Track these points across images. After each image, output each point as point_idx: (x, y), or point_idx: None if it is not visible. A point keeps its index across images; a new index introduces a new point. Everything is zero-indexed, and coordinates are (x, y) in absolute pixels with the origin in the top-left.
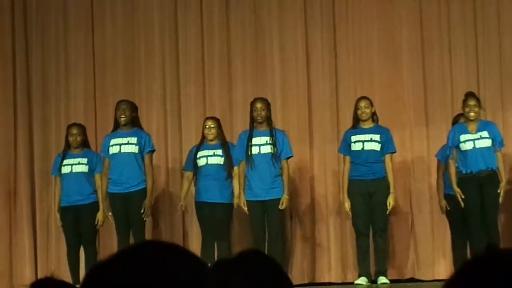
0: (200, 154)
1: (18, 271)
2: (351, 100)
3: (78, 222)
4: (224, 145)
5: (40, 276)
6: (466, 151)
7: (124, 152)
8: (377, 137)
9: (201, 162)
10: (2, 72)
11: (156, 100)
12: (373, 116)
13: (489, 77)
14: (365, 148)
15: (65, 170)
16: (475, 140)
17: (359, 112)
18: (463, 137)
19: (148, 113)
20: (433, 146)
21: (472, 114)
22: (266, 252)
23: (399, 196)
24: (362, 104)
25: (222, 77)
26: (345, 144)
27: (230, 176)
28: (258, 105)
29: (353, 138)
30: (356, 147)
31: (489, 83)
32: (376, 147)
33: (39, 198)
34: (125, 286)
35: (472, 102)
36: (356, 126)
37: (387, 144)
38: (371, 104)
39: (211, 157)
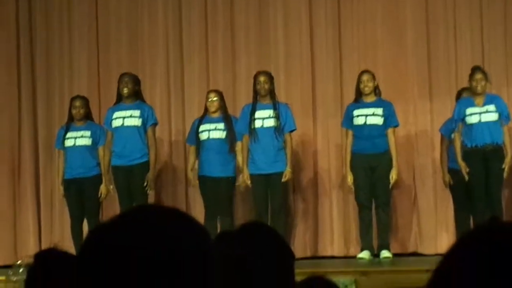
0: (202, 128)
1: (23, 244)
2: (355, 74)
3: (81, 195)
4: (227, 118)
5: (44, 247)
6: (471, 124)
7: (127, 126)
8: (379, 111)
9: (203, 136)
10: (6, 47)
11: (159, 74)
12: (376, 90)
13: (494, 52)
14: (368, 123)
15: (69, 143)
16: (481, 114)
17: (361, 86)
18: (469, 110)
19: (152, 87)
20: (437, 120)
21: (479, 88)
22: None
23: (402, 170)
24: (365, 78)
25: (226, 50)
26: (348, 118)
27: (232, 150)
28: (261, 78)
29: (356, 112)
30: (358, 121)
31: (494, 58)
32: (379, 121)
33: (43, 172)
34: (125, 249)
35: (479, 76)
36: (358, 100)
37: (389, 118)
38: (374, 78)
39: (213, 131)
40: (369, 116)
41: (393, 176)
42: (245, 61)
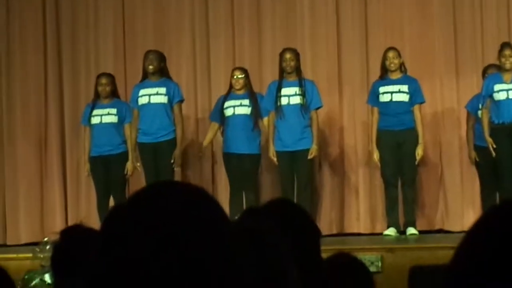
0: (227, 104)
1: (49, 220)
2: (381, 51)
3: (107, 172)
4: (252, 95)
5: (70, 224)
6: (499, 101)
7: (154, 103)
8: (405, 87)
9: (228, 112)
10: (33, 26)
11: (185, 51)
12: (401, 67)
13: None
14: (394, 99)
15: (95, 120)
16: (508, 91)
17: (387, 62)
18: (497, 87)
19: (178, 64)
20: (463, 97)
21: (508, 64)
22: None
23: (429, 147)
24: (390, 54)
25: (252, 27)
26: (373, 95)
27: (257, 126)
28: (287, 55)
29: (381, 89)
30: (384, 98)
31: None
32: (405, 98)
33: (69, 148)
34: (144, 229)
35: (508, 52)
36: (384, 77)
37: (415, 94)
38: (399, 55)
39: (238, 107)
40: (394, 93)
41: (419, 152)
42: (271, 38)
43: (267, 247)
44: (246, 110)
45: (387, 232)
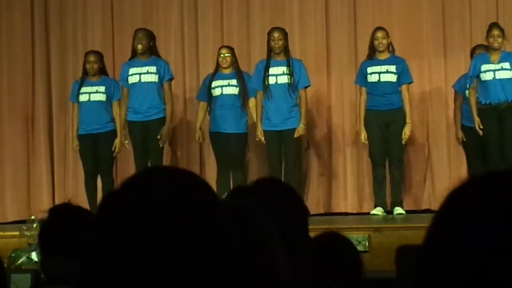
0: (214, 84)
1: (36, 197)
2: (370, 31)
3: (95, 150)
4: (239, 74)
5: (57, 202)
6: (486, 81)
7: (144, 82)
8: (393, 68)
9: (216, 92)
10: (20, 2)
11: (173, 30)
12: (389, 47)
13: (509, 8)
14: (381, 80)
15: (83, 98)
16: (495, 71)
17: (376, 42)
18: (484, 67)
19: (166, 43)
20: (451, 77)
21: (496, 44)
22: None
23: (416, 127)
24: (379, 34)
25: (240, 6)
26: (361, 76)
27: (245, 106)
28: (276, 34)
29: (369, 69)
30: (372, 78)
31: (509, 14)
32: (392, 78)
33: (56, 126)
34: (137, 215)
35: (496, 32)
36: (372, 57)
37: (403, 74)
38: (388, 35)
39: (226, 87)
40: (382, 74)
41: (406, 132)
42: (259, 17)
43: (254, 227)
44: (234, 90)
45: (374, 211)
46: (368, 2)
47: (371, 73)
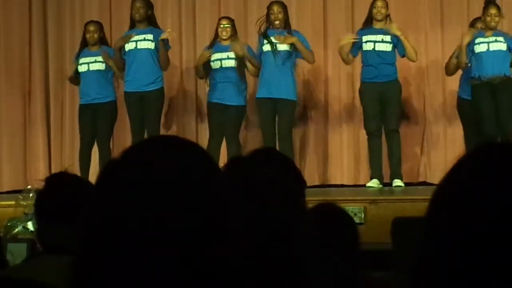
0: (213, 56)
1: (33, 168)
2: (367, 2)
3: (94, 119)
4: None
5: (53, 172)
6: (479, 53)
7: (141, 48)
8: (387, 37)
9: (215, 65)
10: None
11: (170, 2)
12: (387, 18)
13: None
14: (376, 48)
15: (82, 68)
16: (489, 43)
17: (374, 11)
18: (477, 40)
19: (163, 15)
20: (448, 50)
21: (493, 23)
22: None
23: (412, 100)
24: (379, 3)
25: None
26: (355, 44)
27: (243, 77)
28: (275, 8)
29: (364, 38)
30: (367, 47)
31: None
32: (387, 47)
33: (53, 97)
34: (138, 182)
35: (493, 11)
36: (367, 25)
37: (401, 45)
38: (387, 5)
39: (225, 60)
40: (377, 43)
41: (392, 26)
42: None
43: (252, 196)
44: (233, 63)
45: (370, 183)
46: None
47: (366, 41)
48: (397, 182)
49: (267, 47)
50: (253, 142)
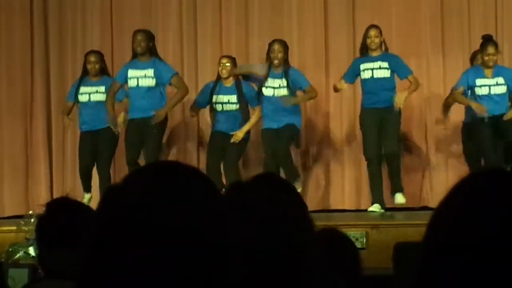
0: (215, 98)
1: (34, 193)
2: None
3: (95, 143)
4: (238, 87)
5: (55, 197)
6: (480, 95)
7: (142, 86)
8: (385, 64)
9: (218, 107)
10: (20, 3)
11: (172, 29)
12: (382, 45)
13: (507, 6)
14: (375, 76)
15: (83, 98)
16: (490, 86)
17: (368, 41)
18: (479, 81)
19: (165, 42)
20: (450, 75)
21: (491, 63)
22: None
23: (414, 126)
24: (372, 33)
25: (239, 4)
26: (351, 72)
27: (248, 114)
28: (276, 46)
29: (362, 66)
30: (365, 75)
31: (508, 12)
32: (386, 73)
33: (55, 122)
34: (138, 208)
35: (491, 51)
36: (364, 55)
37: (401, 69)
38: (380, 33)
39: (227, 104)
40: (375, 70)
41: (399, 96)
42: (258, 17)
43: (255, 222)
44: (235, 107)
45: (371, 208)
46: (366, 1)
47: (364, 70)
48: (399, 197)
49: (268, 92)
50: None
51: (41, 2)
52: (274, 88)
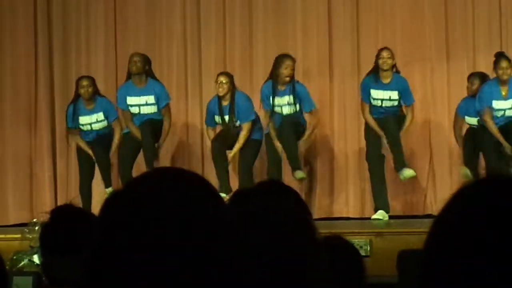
0: (217, 118)
1: (38, 200)
2: (372, 35)
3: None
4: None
5: (59, 204)
6: (496, 110)
7: (144, 113)
8: (395, 94)
9: (217, 119)
10: (23, 6)
11: (176, 55)
12: (393, 68)
13: (511, 11)
14: (383, 105)
15: (85, 128)
16: (506, 110)
17: (380, 61)
18: (495, 104)
19: (169, 68)
20: (454, 81)
21: (505, 76)
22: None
23: (418, 131)
24: (385, 54)
25: (243, 8)
26: (365, 93)
27: (259, 122)
28: (289, 62)
29: (373, 93)
30: (375, 102)
31: None
32: (394, 103)
33: (59, 129)
34: (139, 213)
35: (504, 65)
36: (375, 77)
37: (408, 96)
38: (393, 56)
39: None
40: (385, 101)
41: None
42: (262, 24)
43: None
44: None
45: (375, 216)
46: (371, 7)
47: (374, 98)
48: (405, 172)
49: (277, 110)
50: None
51: (45, 4)
52: (281, 106)
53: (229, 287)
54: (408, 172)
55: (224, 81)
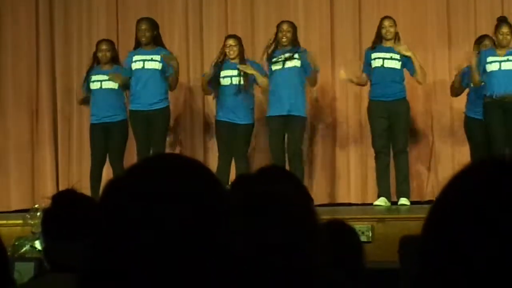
0: (223, 73)
1: (40, 187)
2: (374, 21)
3: (106, 140)
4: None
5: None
6: (491, 72)
7: (148, 68)
8: (396, 55)
9: (225, 81)
10: (26, 17)
11: (177, 21)
12: (396, 37)
13: None
14: (385, 65)
15: (94, 86)
16: (501, 62)
17: (383, 31)
18: (489, 58)
19: (170, 33)
20: None
21: (505, 41)
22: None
23: (420, 118)
24: (387, 23)
25: None
26: (366, 64)
27: (252, 97)
28: (284, 26)
29: (373, 55)
30: (376, 63)
31: None
32: (396, 65)
33: (61, 116)
34: (141, 200)
35: (505, 30)
36: (376, 46)
37: (408, 65)
38: (395, 24)
39: (235, 77)
40: (386, 59)
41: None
42: (264, 9)
43: (261, 214)
44: (243, 81)
45: (377, 202)
46: None
47: (374, 59)
48: (403, 201)
49: (276, 66)
50: (261, 161)
51: None
52: (284, 60)
53: (231, 273)
54: (406, 203)
55: (233, 44)
